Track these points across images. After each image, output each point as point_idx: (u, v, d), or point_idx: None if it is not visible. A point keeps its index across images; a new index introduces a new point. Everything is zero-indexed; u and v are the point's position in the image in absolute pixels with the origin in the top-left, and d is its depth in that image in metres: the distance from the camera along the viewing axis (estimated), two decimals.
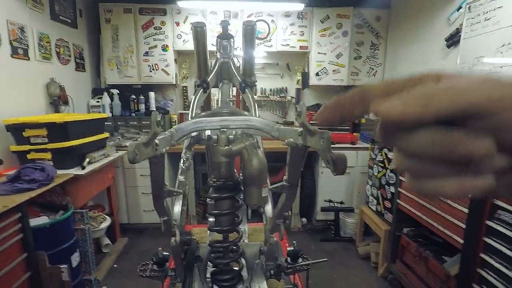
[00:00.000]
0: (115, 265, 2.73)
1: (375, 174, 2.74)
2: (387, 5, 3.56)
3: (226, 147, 0.77)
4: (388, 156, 2.51)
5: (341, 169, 0.36)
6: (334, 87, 3.80)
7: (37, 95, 2.69)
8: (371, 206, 2.84)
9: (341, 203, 3.35)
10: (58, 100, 2.87)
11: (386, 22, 3.61)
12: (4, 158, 2.21)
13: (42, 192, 1.85)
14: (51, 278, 1.87)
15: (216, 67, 1.11)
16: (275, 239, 0.86)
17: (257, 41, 3.45)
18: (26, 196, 1.73)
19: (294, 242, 0.97)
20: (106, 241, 2.88)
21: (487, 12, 2.15)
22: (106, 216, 2.79)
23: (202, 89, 1.04)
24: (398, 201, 2.35)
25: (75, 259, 2.17)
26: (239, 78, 1.08)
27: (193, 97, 1.02)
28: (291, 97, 3.96)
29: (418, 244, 2.13)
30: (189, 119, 0.93)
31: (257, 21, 3.48)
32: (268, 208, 0.93)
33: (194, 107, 1.01)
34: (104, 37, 3.48)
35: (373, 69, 3.72)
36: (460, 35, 2.39)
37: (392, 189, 2.45)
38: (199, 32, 1.17)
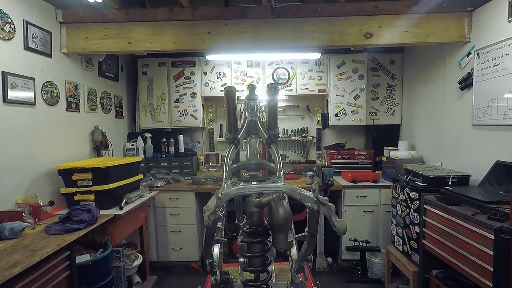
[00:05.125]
0: None
1: (399, 213, 2.75)
2: (399, 49, 3.77)
3: (257, 199, 0.93)
4: (411, 195, 2.54)
5: (341, 231, 0.51)
6: (354, 126, 3.94)
7: (84, 141, 3.04)
8: (397, 246, 2.80)
9: (367, 242, 3.31)
10: (100, 145, 3.21)
11: (400, 64, 3.80)
12: (55, 199, 2.47)
13: (87, 231, 2.06)
14: None
15: (245, 126, 1.31)
16: (300, 279, 0.97)
17: (278, 87, 3.73)
18: (74, 236, 1.94)
19: (318, 282, 1.06)
20: (137, 279, 2.99)
21: (495, 58, 2.28)
22: (138, 254, 2.95)
23: (233, 145, 1.23)
24: (423, 241, 2.34)
25: None
26: (265, 134, 1.26)
27: (226, 152, 1.21)
28: (312, 136, 4.13)
29: None
30: (224, 172, 1.12)
31: (277, 68, 3.79)
32: (294, 251, 1.05)
33: (228, 161, 1.19)
34: (140, 87, 3.91)
35: (391, 108, 3.85)
36: (472, 79, 2.51)
37: (417, 229, 2.45)
38: (230, 94, 1.39)
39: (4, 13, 2.13)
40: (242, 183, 0.91)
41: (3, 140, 2.12)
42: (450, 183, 2.36)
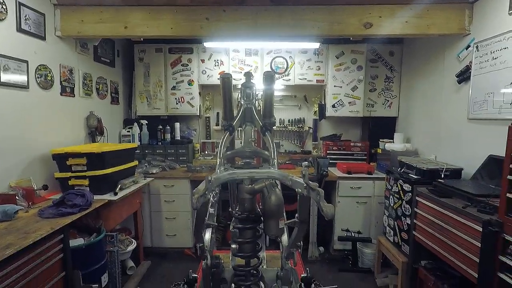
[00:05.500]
0: None
1: (392, 204, 2.78)
2: (399, 40, 3.74)
3: (250, 186, 0.93)
4: (404, 187, 2.56)
5: (329, 215, 0.51)
6: (350, 118, 3.94)
7: (79, 126, 3.02)
8: (388, 237, 2.85)
9: (359, 232, 3.36)
10: (95, 131, 3.19)
11: (400, 56, 3.78)
12: (49, 183, 2.47)
13: (81, 216, 2.06)
14: None
15: (241, 113, 1.30)
16: (290, 265, 0.99)
17: (276, 76, 3.70)
18: (68, 220, 1.95)
19: (307, 269, 1.08)
20: (131, 263, 3.03)
21: (494, 51, 2.27)
22: (132, 240, 2.97)
23: (228, 132, 1.23)
24: (414, 233, 2.38)
25: (105, 279, 2.33)
26: (260, 122, 1.26)
27: (221, 139, 1.21)
28: (309, 127, 4.13)
29: (436, 278, 2.13)
30: (218, 159, 1.12)
31: (276, 57, 3.76)
32: (284, 238, 1.06)
33: (222, 148, 1.19)
34: (137, 73, 3.86)
35: (388, 100, 3.84)
36: (470, 72, 2.50)
37: (408, 220, 2.49)
38: (226, 82, 1.38)
39: None
40: (235, 169, 0.91)
41: None
42: (442, 176, 2.38)
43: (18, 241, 1.60)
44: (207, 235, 0.99)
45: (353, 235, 3.33)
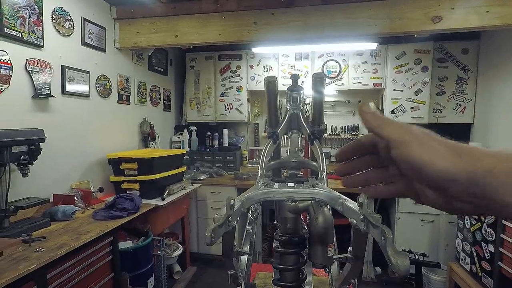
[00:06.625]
0: None
1: (467, 226, 2.35)
2: (475, 35, 3.24)
3: (293, 203, 0.79)
4: None
5: (402, 271, 0.32)
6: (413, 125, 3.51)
7: (133, 132, 3.17)
8: (463, 265, 2.41)
9: (424, 255, 2.92)
10: (148, 136, 3.33)
11: (475, 54, 3.26)
12: (104, 186, 2.61)
13: (130, 219, 2.11)
14: None
15: (286, 119, 1.16)
16: None
17: (327, 80, 3.49)
18: (117, 223, 2.00)
19: None
20: (177, 268, 3.06)
21: None
22: (179, 244, 2.99)
23: (272, 140, 1.10)
24: (500, 264, 1.95)
25: (151, 283, 2.35)
26: (308, 130, 1.10)
27: (264, 147, 1.08)
28: (363, 135, 3.79)
29: None
30: (259, 170, 0.99)
31: (328, 61, 3.54)
32: (334, 268, 0.88)
33: (265, 157, 1.06)
34: (188, 81, 3.98)
35: (460, 105, 3.34)
36: None
37: (491, 247, 2.06)
38: (271, 85, 1.24)
39: (65, 11, 2.27)
40: (277, 183, 0.76)
41: (62, 129, 2.27)
42: None
43: (71, 242, 1.66)
44: (243, 259, 0.87)
45: (417, 257, 2.91)
